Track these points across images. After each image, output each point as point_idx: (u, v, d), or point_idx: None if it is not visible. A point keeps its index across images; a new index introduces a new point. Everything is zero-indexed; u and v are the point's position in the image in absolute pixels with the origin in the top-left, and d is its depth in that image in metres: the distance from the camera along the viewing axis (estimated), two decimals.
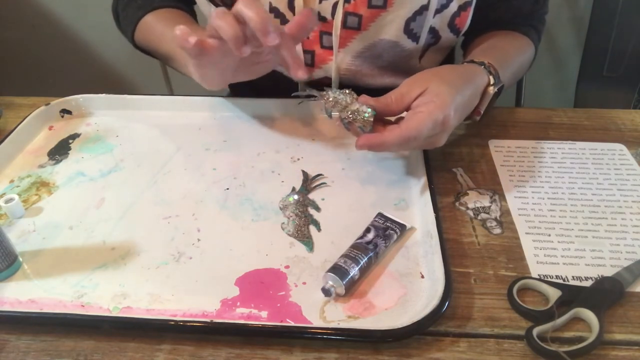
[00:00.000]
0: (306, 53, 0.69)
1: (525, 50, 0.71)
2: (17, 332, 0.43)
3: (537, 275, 0.46)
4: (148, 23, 0.71)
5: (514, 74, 0.67)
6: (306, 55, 0.70)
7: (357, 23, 0.65)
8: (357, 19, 0.64)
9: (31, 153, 0.63)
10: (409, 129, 0.50)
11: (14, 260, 0.47)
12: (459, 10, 0.66)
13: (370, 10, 0.63)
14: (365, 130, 0.54)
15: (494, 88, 0.58)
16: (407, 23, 0.64)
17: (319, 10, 0.66)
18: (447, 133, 0.53)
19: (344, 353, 0.40)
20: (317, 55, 0.69)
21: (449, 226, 0.51)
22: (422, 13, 0.64)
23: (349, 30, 0.66)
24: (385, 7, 0.63)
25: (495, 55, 0.62)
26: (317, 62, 0.70)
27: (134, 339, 0.42)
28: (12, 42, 1.61)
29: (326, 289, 0.43)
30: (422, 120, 0.50)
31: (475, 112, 0.59)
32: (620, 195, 0.55)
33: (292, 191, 0.55)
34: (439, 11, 0.65)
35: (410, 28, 0.65)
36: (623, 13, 1.10)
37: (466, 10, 0.66)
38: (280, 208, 0.53)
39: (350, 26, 0.65)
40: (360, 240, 0.47)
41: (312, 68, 0.71)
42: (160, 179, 0.58)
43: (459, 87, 0.53)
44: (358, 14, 0.64)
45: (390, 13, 0.64)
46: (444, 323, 0.42)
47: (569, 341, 0.41)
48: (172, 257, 0.48)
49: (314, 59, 0.70)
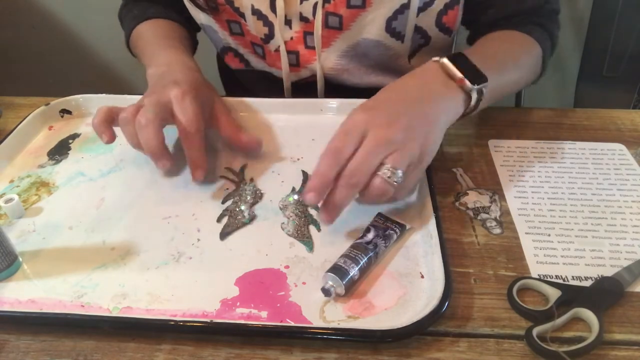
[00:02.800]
0: (290, 53, 0.70)
1: (525, 47, 0.64)
2: (17, 332, 0.43)
3: (537, 275, 0.46)
4: (137, 35, 0.73)
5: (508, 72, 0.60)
6: (291, 55, 0.70)
7: (338, 23, 0.65)
8: (338, 19, 0.64)
9: (31, 153, 0.63)
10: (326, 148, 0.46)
11: (14, 260, 0.47)
12: (446, 9, 0.65)
13: (349, 10, 0.63)
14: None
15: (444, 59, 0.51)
16: (389, 22, 0.64)
17: (301, 11, 0.66)
18: (403, 150, 0.45)
19: (344, 353, 0.40)
20: (302, 55, 0.70)
21: (449, 226, 0.51)
22: (404, 12, 0.63)
23: (331, 30, 0.66)
24: (364, 6, 0.63)
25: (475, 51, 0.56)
26: (301, 62, 0.70)
27: (133, 339, 0.42)
28: (12, 42, 1.61)
29: (326, 289, 0.43)
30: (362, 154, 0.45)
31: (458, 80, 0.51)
32: (620, 195, 0.55)
33: (292, 191, 0.55)
34: (422, 9, 0.64)
35: (393, 27, 0.65)
36: (623, 13, 1.10)
37: (453, 9, 0.65)
38: (280, 208, 0.53)
39: (332, 26, 0.65)
40: (360, 240, 0.47)
41: (299, 68, 0.71)
42: (160, 179, 0.58)
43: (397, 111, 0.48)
44: (338, 14, 0.64)
45: (370, 12, 0.64)
46: (443, 323, 0.42)
47: (568, 341, 0.41)
48: (172, 257, 0.48)
49: (299, 59, 0.70)
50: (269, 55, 0.73)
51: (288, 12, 0.67)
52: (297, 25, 0.68)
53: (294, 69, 0.71)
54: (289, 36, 0.69)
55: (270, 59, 0.73)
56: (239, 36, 0.73)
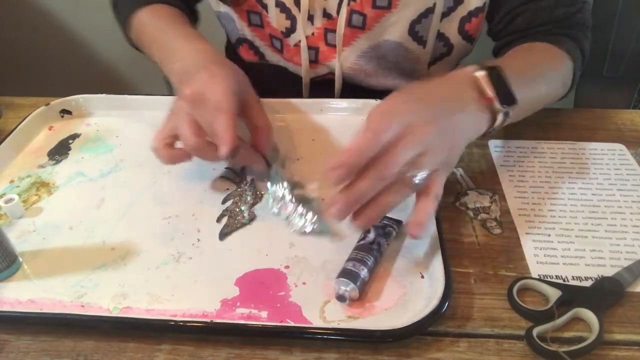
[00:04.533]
0: (310, 49, 0.69)
1: (555, 62, 0.61)
2: (17, 332, 0.43)
3: (537, 275, 0.46)
4: (141, 22, 0.67)
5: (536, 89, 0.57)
6: (310, 51, 0.69)
7: (361, 22, 0.65)
8: (362, 17, 0.64)
9: (31, 153, 0.63)
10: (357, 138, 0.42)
11: (14, 261, 0.47)
12: (469, 16, 0.64)
13: (374, 10, 0.63)
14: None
15: (483, 72, 0.48)
16: (412, 25, 0.64)
17: (325, 7, 0.65)
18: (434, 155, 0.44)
19: (344, 353, 0.40)
20: (321, 52, 0.69)
21: (449, 226, 0.51)
22: (428, 16, 0.63)
23: (353, 29, 0.66)
24: (389, 8, 0.63)
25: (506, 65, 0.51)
26: (320, 59, 0.70)
27: (133, 339, 0.42)
28: (12, 42, 1.61)
29: (340, 295, 0.43)
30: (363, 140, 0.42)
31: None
32: (620, 196, 0.55)
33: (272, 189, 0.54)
34: (445, 15, 0.64)
35: (416, 30, 0.65)
36: (623, 13, 1.10)
37: (477, 17, 0.65)
38: (275, 213, 0.52)
39: (355, 25, 0.65)
40: (363, 241, 0.47)
41: (316, 64, 0.70)
42: (160, 179, 0.58)
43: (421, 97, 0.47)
44: (363, 13, 0.64)
45: (395, 14, 0.64)
46: (443, 323, 0.42)
47: (569, 341, 0.41)
48: (172, 257, 0.48)
49: (318, 55, 0.70)
50: (287, 50, 0.72)
51: (312, 7, 0.66)
52: (319, 21, 0.67)
53: (312, 65, 0.71)
54: (310, 32, 0.68)
55: (288, 54, 0.72)
56: (258, 28, 0.72)
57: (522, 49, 0.62)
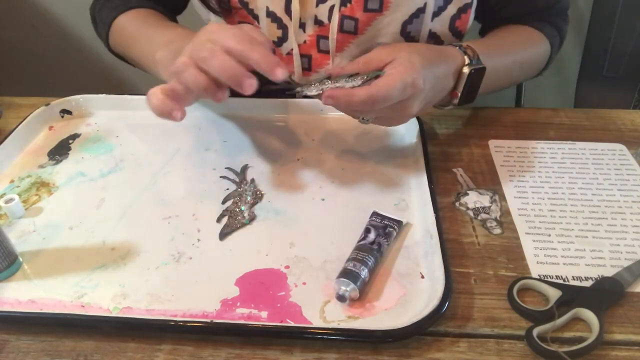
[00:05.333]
0: (303, 57, 0.69)
1: (532, 42, 0.69)
2: (17, 332, 0.43)
3: (537, 276, 0.46)
4: (121, 24, 0.69)
5: (509, 63, 0.65)
6: (303, 59, 0.70)
7: (353, 27, 0.65)
8: (354, 22, 0.64)
9: (31, 153, 0.63)
10: (378, 86, 0.49)
11: (14, 261, 0.47)
12: (459, 13, 0.65)
13: (366, 14, 0.63)
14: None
15: (469, 68, 0.57)
16: (404, 26, 0.64)
17: (316, 14, 0.65)
18: (418, 101, 0.52)
19: (344, 353, 0.40)
20: (314, 59, 0.69)
21: (449, 226, 0.51)
22: (419, 16, 0.63)
23: (345, 35, 0.66)
24: (381, 10, 0.63)
25: (484, 42, 0.62)
26: (313, 66, 0.70)
27: (133, 339, 0.42)
28: (12, 42, 1.61)
29: (340, 295, 0.43)
30: (391, 80, 0.49)
31: (452, 93, 0.58)
32: (620, 196, 0.55)
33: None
34: (436, 14, 0.64)
35: (408, 31, 0.65)
36: (623, 13, 1.10)
37: (466, 13, 0.65)
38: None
39: (346, 30, 0.65)
40: (364, 241, 0.47)
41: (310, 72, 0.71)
42: (160, 179, 0.58)
43: (430, 60, 0.53)
44: (354, 18, 0.64)
45: (387, 16, 0.64)
46: (443, 323, 0.42)
47: (569, 341, 0.41)
48: (172, 257, 0.48)
49: (311, 63, 0.70)
50: (279, 59, 0.72)
51: (303, 15, 0.66)
52: (311, 29, 0.67)
53: (305, 72, 0.71)
54: (302, 40, 0.68)
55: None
56: None
57: (505, 29, 0.70)
